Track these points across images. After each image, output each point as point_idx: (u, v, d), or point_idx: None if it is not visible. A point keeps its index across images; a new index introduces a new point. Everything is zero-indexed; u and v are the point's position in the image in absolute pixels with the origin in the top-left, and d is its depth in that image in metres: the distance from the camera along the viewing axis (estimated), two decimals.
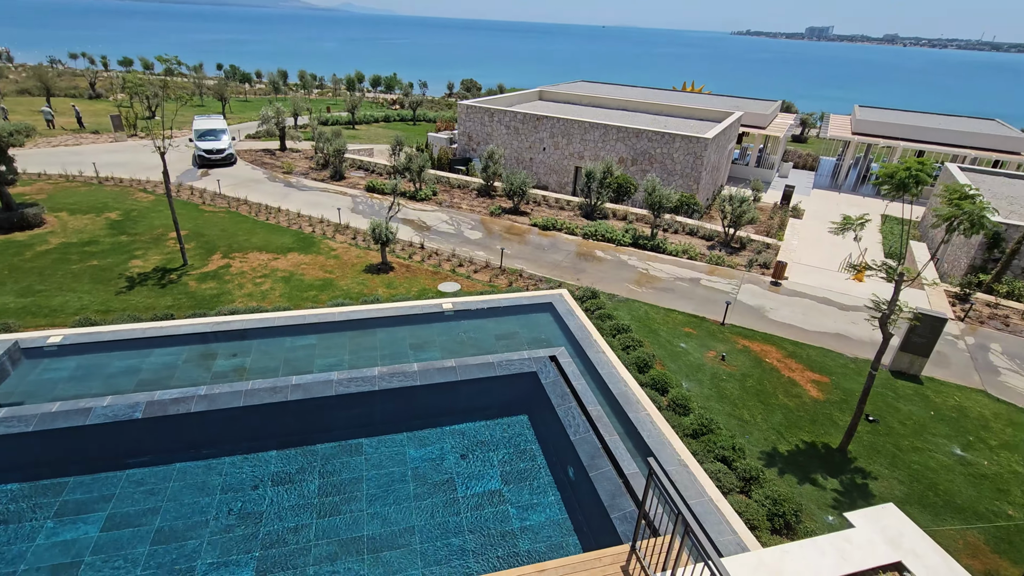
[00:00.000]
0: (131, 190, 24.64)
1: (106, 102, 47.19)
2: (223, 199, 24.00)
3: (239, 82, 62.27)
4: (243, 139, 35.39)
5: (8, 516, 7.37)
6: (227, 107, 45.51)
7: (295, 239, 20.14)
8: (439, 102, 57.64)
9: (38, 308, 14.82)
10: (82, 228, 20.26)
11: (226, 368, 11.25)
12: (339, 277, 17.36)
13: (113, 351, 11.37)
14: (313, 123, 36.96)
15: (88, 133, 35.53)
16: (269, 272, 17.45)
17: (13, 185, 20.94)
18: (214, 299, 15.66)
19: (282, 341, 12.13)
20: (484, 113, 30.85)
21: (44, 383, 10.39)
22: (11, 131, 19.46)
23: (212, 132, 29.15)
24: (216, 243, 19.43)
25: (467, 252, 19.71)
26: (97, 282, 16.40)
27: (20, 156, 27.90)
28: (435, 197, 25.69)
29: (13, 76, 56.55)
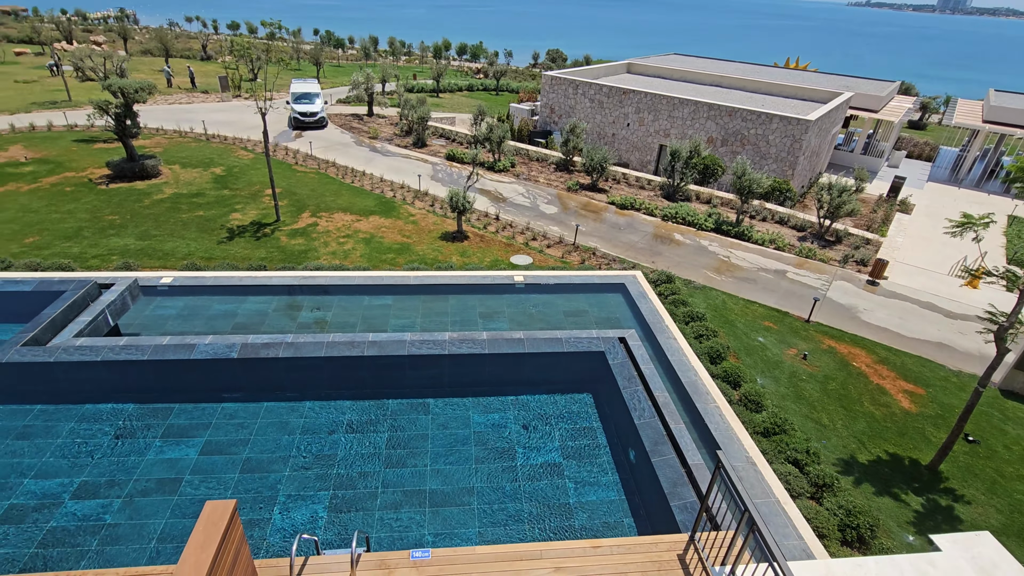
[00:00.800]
0: (234, 148, 26.48)
1: (215, 64, 50.60)
2: (314, 160, 25.26)
3: (333, 47, 64.55)
4: (334, 103, 36.86)
5: (126, 432, 8.38)
6: (321, 72, 47.43)
7: (377, 203, 20.90)
8: (523, 72, 57.00)
9: (153, 251, 16.44)
10: (191, 181, 22.09)
11: (309, 320, 12.03)
12: (416, 242, 17.89)
13: (214, 295, 12.45)
14: (400, 90, 37.80)
15: (199, 92, 38.37)
16: (352, 233, 18.29)
17: (136, 138, 23.14)
18: (302, 255, 16.67)
19: (361, 299, 12.75)
20: (568, 85, 30.18)
21: (157, 318, 11.59)
22: (137, 88, 21.37)
23: (307, 96, 30.56)
24: (306, 202, 20.56)
25: (541, 226, 19.64)
26: (202, 231, 17.91)
27: (142, 112, 30.69)
28: (513, 169, 25.67)
29: (138, 37, 61.75)
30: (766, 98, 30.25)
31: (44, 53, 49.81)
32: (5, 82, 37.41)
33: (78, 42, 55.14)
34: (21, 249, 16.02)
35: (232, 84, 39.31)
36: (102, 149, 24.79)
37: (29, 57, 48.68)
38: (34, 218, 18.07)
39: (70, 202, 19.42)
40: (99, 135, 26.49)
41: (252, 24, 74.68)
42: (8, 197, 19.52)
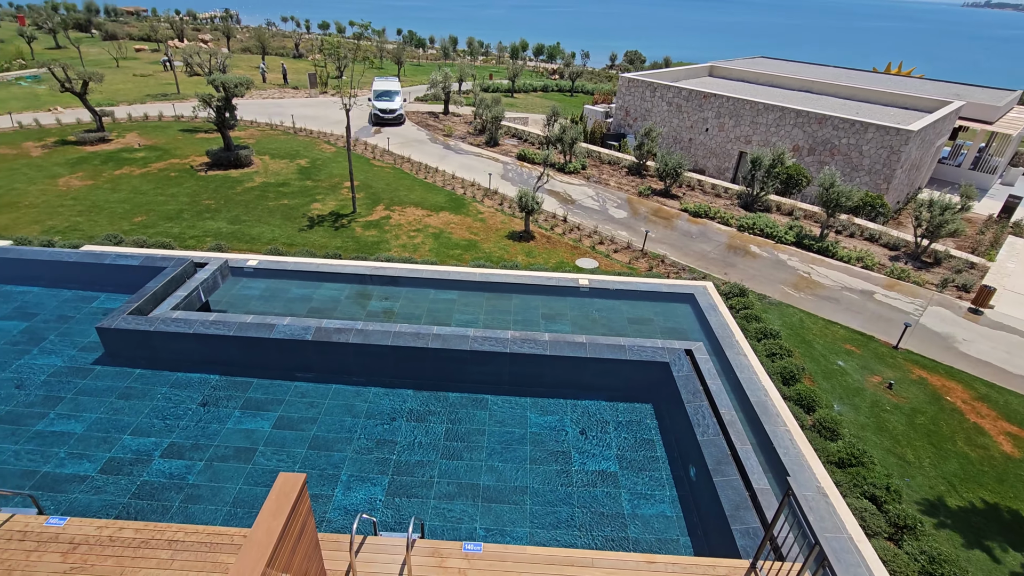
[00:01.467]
0: (318, 141, 27.94)
1: (306, 61, 53.58)
2: (390, 156, 26.20)
3: (415, 47, 66.65)
4: (412, 101, 38.05)
5: (210, 401, 9.06)
6: (402, 70, 49.10)
7: (447, 199, 21.38)
8: (599, 74, 56.36)
9: (242, 234, 17.66)
10: (278, 171, 23.53)
11: (378, 309, 12.49)
12: (483, 240, 18.14)
13: (293, 279, 13.21)
14: (476, 89, 38.44)
15: (290, 88, 40.80)
16: (422, 227, 18.81)
17: (233, 129, 24.88)
18: (374, 246, 17.33)
19: (427, 292, 13.09)
20: (645, 87, 29.53)
21: (242, 297, 12.44)
22: (236, 83, 23.01)
23: (387, 93, 31.74)
24: (381, 196, 21.36)
25: (609, 230, 19.34)
26: (286, 218, 19.03)
27: (239, 105, 33.02)
28: (584, 171, 25.45)
29: (240, 36, 66.45)
30: (861, 105, 28.23)
31: (159, 50, 54.72)
32: (125, 75, 41.44)
33: (188, 40, 60.20)
34: (131, 227, 17.69)
35: (320, 81, 41.47)
36: (203, 139, 26.92)
37: (146, 53, 53.68)
38: (143, 199, 19.90)
39: (174, 186, 21.23)
40: (201, 126, 28.77)
41: (341, 24, 78.52)
42: (123, 180, 21.61)
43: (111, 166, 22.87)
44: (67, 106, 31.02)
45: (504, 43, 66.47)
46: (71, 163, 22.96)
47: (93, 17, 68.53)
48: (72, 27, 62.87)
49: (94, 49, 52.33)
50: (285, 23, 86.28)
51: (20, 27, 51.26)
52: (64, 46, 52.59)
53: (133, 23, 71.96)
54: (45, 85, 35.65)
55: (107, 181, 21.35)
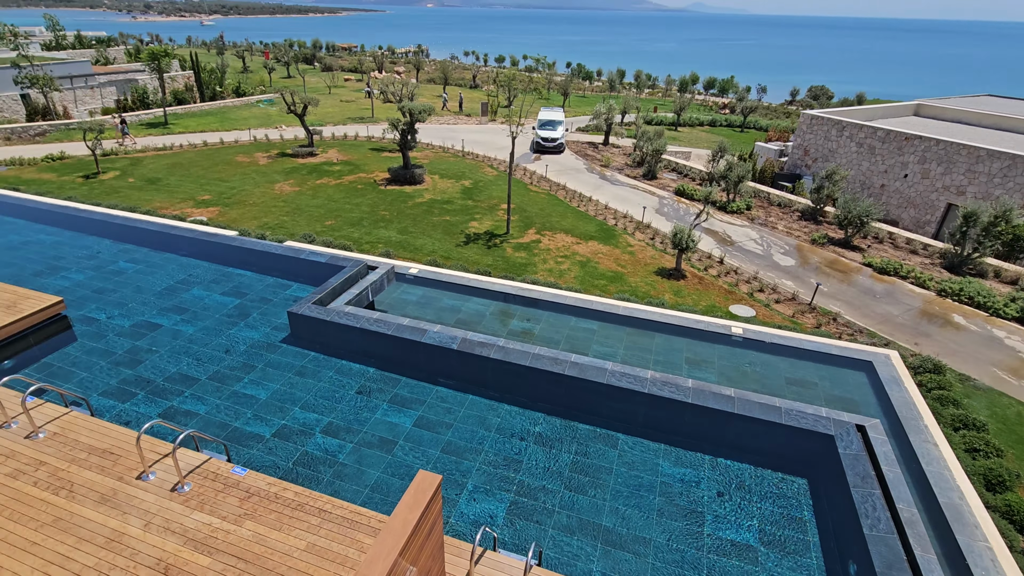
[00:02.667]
0: (482, 164, 29.95)
1: (480, 91, 58.11)
2: (546, 182, 27.07)
3: (582, 79, 68.59)
4: (574, 131, 39.06)
5: (364, 390, 10.02)
6: (567, 101, 50.77)
7: (598, 229, 21.39)
8: (776, 110, 52.59)
9: (408, 244, 19.48)
10: (445, 190, 25.64)
11: (519, 329, 12.82)
12: (630, 273, 17.76)
13: (446, 290, 14.17)
14: (638, 121, 38.24)
15: (464, 116, 44.47)
16: (570, 254, 19.02)
17: (412, 150, 27.80)
18: (522, 267, 17.93)
19: (568, 319, 13.14)
20: (832, 126, 26.80)
21: (401, 301, 13.65)
22: (420, 110, 25.74)
23: (551, 123, 33.00)
24: (533, 220, 22.12)
25: (772, 278, 17.71)
26: (446, 233, 20.60)
27: (420, 129, 36.83)
28: (748, 212, 23.76)
29: (427, 68, 74.40)
30: None
31: (362, 79, 63.51)
32: (334, 100, 48.72)
33: (386, 71, 68.99)
34: (322, 228, 20.54)
35: (491, 109, 44.63)
36: (387, 157, 30.44)
37: (352, 82, 62.66)
38: (334, 206, 23.02)
39: (359, 197, 24.25)
40: (387, 146, 32.61)
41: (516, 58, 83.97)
42: (321, 188, 25.26)
43: (314, 176, 26.90)
44: (289, 125, 37.35)
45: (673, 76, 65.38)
46: (286, 172, 27.48)
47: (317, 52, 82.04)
48: (301, 60, 75.89)
49: (314, 79, 62.52)
50: (466, 56, 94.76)
51: (265, 60, 63.28)
52: (293, 76, 63.65)
53: (345, 57, 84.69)
54: (276, 107, 43.36)
55: (310, 189, 25.13)
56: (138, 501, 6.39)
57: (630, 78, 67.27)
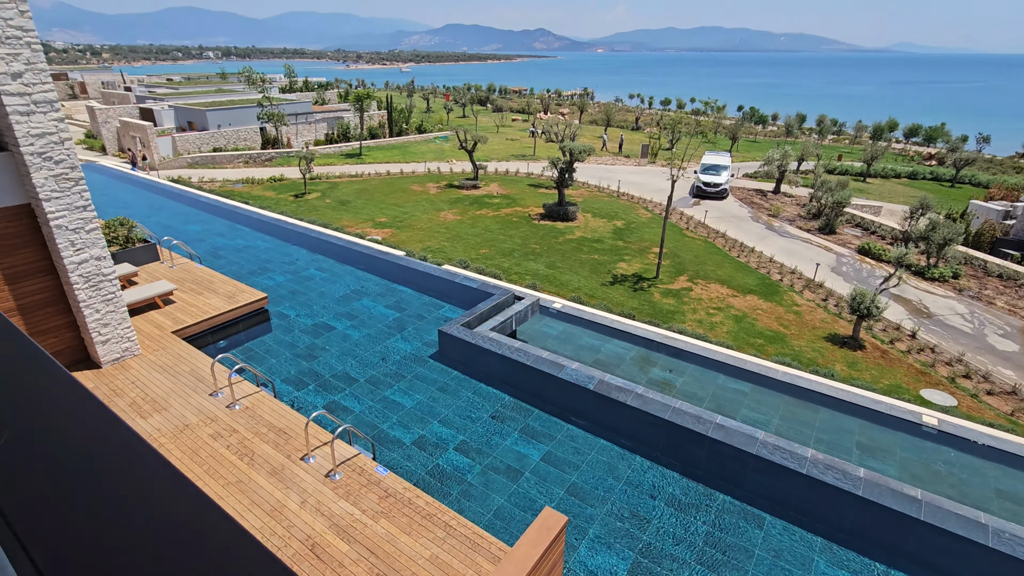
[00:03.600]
0: (636, 206, 29.59)
1: (642, 133, 57.95)
2: (704, 228, 25.78)
3: (754, 123, 64.86)
4: (740, 177, 36.88)
5: (498, 416, 10.27)
6: (735, 146, 48.27)
7: (759, 282, 19.70)
8: (1003, 163, 44.24)
9: (554, 279, 19.85)
10: (596, 229, 25.77)
11: (659, 378, 12.19)
12: (794, 335, 15.98)
13: (587, 328, 14.07)
14: (818, 170, 34.85)
15: (623, 157, 44.62)
16: (724, 307, 17.74)
17: (568, 187, 28.55)
18: (669, 314, 17.14)
19: (715, 376, 12.17)
20: None
21: (542, 334, 13.86)
22: (580, 150, 26.42)
23: (715, 167, 31.56)
24: (686, 266, 21.13)
25: (984, 364, 14.61)
26: (593, 272, 20.59)
27: (577, 168, 37.74)
28: (955, 280, 20.04)
29: (591, 110, 76.45)
30: None
31: (528, 120, 67.37)
32: (500, 139, 52.28)
33: (551, 113, 72.40)
34: (476, 256, 21.88)
35: (651, 152, 44.20)
36: (543, 193, 31.64)
37: (519, 123, 66.77)
38: (489, 236, 24.44)
39: (512, 229, 25.45)
40: (545, 183, 33.92)
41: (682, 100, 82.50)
42: (480, 219, 27.04)
43: (475, 207, 28.93)
44: (459, 159, 40.87)
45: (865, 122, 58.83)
46: (451, 201, 29.98)
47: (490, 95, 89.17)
48: (476, 102, 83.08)
49: (485, 118, 67.90)
50: (631, 99, 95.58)
51: (445, 102, 70.51)
52: (468, 115, 69.83)
53: (515, 99, 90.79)
54: (450, 143, 47.84)
55: (470, 218, 27.06)
56: (299, 480, 7.22)
57: (811, 123, 61.96)
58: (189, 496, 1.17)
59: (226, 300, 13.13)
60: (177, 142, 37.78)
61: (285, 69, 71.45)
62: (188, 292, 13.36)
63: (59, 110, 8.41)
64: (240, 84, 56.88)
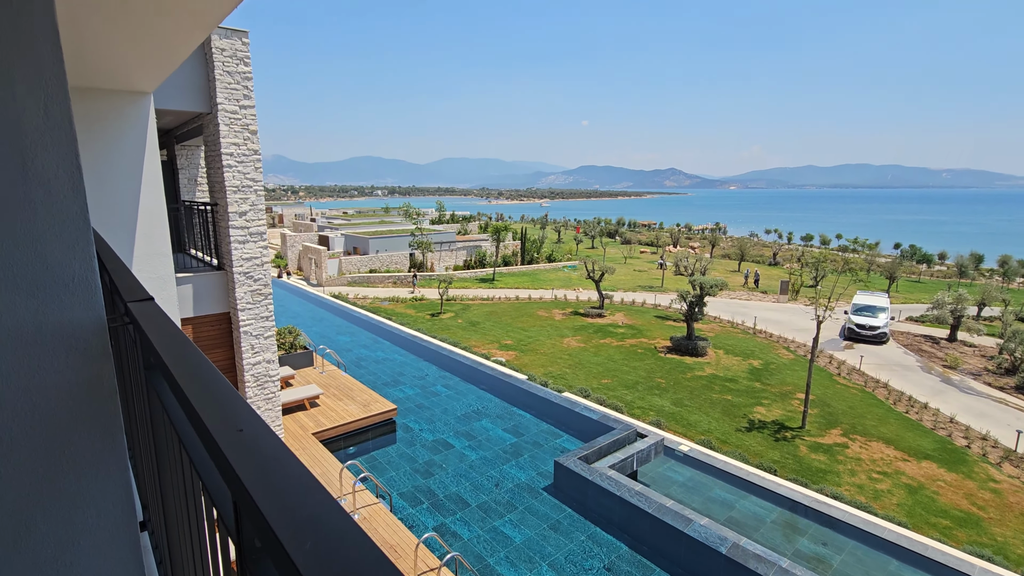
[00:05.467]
0: (776, 345, 27.34)
1: (780, 269, 55.21)
2: (860, 375, 22.80)
3: (916, 262, 58.81)
4: (902, 320, 32.82)
5: (613, 568, 9.25)
6: (894, 286, 43.71)
7: (937, 446, 16.47)
8: None
9: (680, 418, 18.49)
10: (729, 366, 24.05)
11: (808, 552, 10.29)
12: (993, 520, 12.75)
13: (717, 478, 12.63)
14: (1006, 317, 29.85)
15: (759, 292, 42.48)
16: (891, 472, 14.94)
17: (697, 321, 27.53)
18: (819, 473, 14.82)
19: (884, 559, 9.99)
20: None
21: (665, 479, 12.70)
22: (712, 284, 25.76)
23: (870, 308, 28.58)
24: (839, 418, 18.52)
25: None
26: (725, 414, 18.87)
27: (708, 302, 36.53)
28: None
29: (723, 244, 75.39)
30: None
31: (656, 252, 68.10)
32: (628, 270, 53.09)
33: (681, 246, 72.67)
34: (598, 385, 21.38)
35: (792, 288, 41.59)
36: (671, 326, 30.78)
37: (647, 255, 67.71)
38: (612, 366, 23.94)
39: (637, 360, 24.73)
40: (672, 315, 33.14)
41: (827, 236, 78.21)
42: (603, 348, 26.81)
43: (599, 336, 28.89)
44: (586, 288, 41.96)
45: None
46: (575, 328, 30.34)
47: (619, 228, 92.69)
48: (605, 234, 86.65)
49: (614, 250, 70.06)
50: (767, 234, 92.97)
51: (576, 234, 74.56)
52: (596, 247, 72.68)
53: (644, 232, 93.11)
54: (578, 272, 49.62)
55: (593, 346, 26.96)
56: None
57: (992, 263, 54.50)
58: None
59: (361, 408, 14.13)
60: (343, 263, 44.05)
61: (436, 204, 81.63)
62: (331, 397, 14.66)
63: (266, 239, 10.44)
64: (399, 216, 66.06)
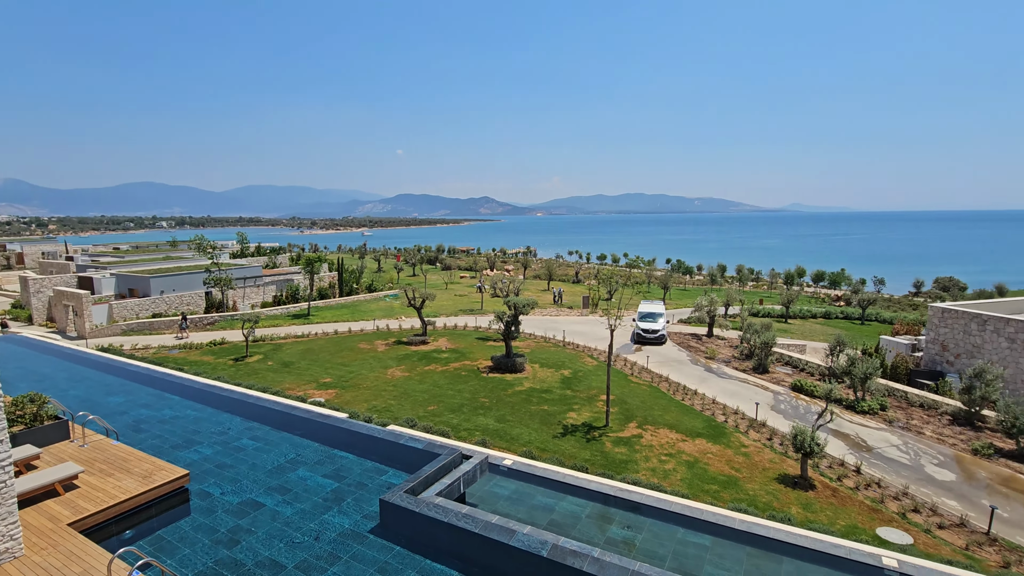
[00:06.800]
0: (582, 354, 30.40)
1: (582, 286, 61.78)
2: (648, 373, 26.52)
3: (682, 274, 70.85)
4: (675, 323, 39.16)
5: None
6: (668, 294, 52.01)
7: (706, 425, 19.91)
8: (899, 302, 49.47)
9: (504, 433, 19.32)
10: (544, 379, 25.98)
11: (618, 537, 11.49)
12: (746, 479, 15.81)
13: (539, 485, 13.42)
14: (743, 314, 37.64)
15: (565, 308, 46.87)
16: (675, 452, 17.60)
17: (514, 339, 29.24)
18: (622, 464, 16.75)
19: (674, 530, 11.62)
20: (970, 320, 24.40)
21: (492, 495, 13.08)
22: (524, 304, 27.70)
23: (651, 315, 33.58)
24: (634, 412, 21.24)
25: (928, 495, 14.76)
26: (543, 423, 20.28)
27: (523, 320, 39.09)
28: (883, 413, 21.02)
29: (534, 266, 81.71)
30: None
31: (475, 276, 70.87)
32: (449, 295, 54.21)
33: (497, 269, 76.73)
34: (425, 413, 21.24)
35: (592, 302, 46.78)
36: (491, 346, 32.15)
37: (467, 279, 70.02)
38: (438, 391, 24.05)
39: (461, 383, 25.24)
40: (492, 335, 34.67)
41: (616, 255, 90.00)
42: (428, 374, 26.81)
43: (423, 363, 28.82)
44: (408, 316, 41.62)
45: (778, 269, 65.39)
46: (399, 358, 29.82)
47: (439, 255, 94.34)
48: (425, 261, 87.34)
49: (434, 276, 70.92)
50: (571, 255, 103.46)
51: (396, 262, 73.78)
52: (417, 274, 72.77)
53: (463, 257, 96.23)
54: (399, 301, 49.03)
55: (418, 375, 26.78)
56: None
57: (732, 272, 68.32)
58: None
59: (140, 481, 11.85)
60: (114, 309, 36.81)
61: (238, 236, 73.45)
62: (97, 474, 12.03)
63: None
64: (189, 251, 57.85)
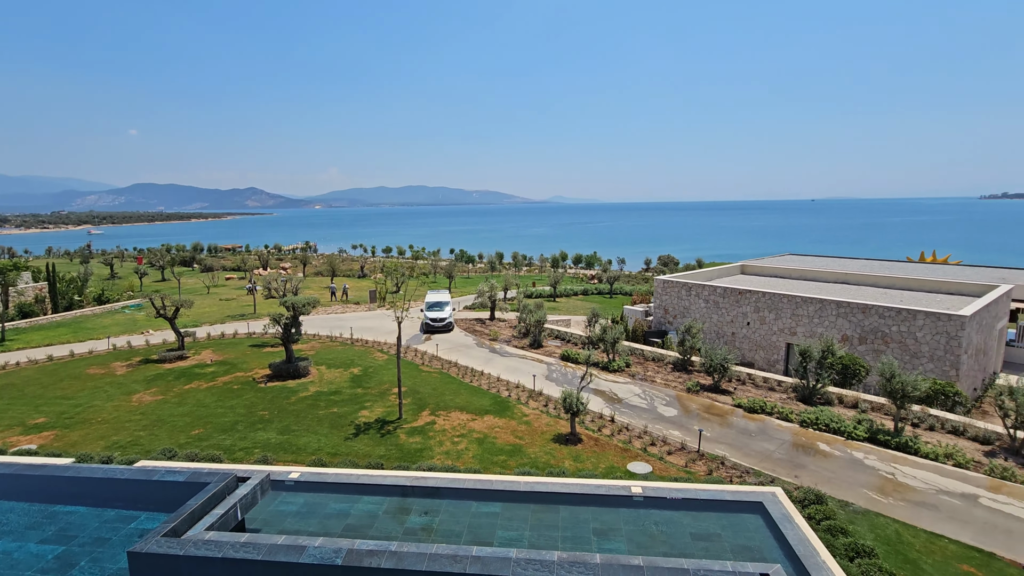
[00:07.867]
0: (372, 350, 29.72)
1: (369, 280, 60.14)
2: (438, 361, 27.28)
3: (465, 262, 74.29)
4: (461, 309, 40.97)
5: None
6: (453, 283, 54.03)
7: (492, 402, 21.40)
8: (636, 276, 60.07)
9: (289, 445, 17.82)
10: (332, 380, 24.68)
11: (417, 525, 11.68)
12: (528, 444, 17.54)
13: (332, 492, 12.79)
14: (519, 296, 41.31)
15: (352, 304, 45.09)
16: (466, 432, 18.53)
17: (296, 343, 27.10)
18: (417, 453, 16.99)
19: (469, 505, 12.29)
20: (681, 288, 30.98)
21: (278, 514, 12.00)
22: (304, 303, 25.79)
23: (438, 304, 34.54)
24: (427, 400, 21.68)
25: (660, 430, 18.44)
26: (334, 427, 19.29)
27: (305, 321, 36.37)
28: (628, 369, 25.44)
29: (315, 262, 76.43)
30: (904, 293, 28.28)
31: (244, 278, 63.18)
32: (213, 300, 47.30)
33: (271, 268, 69.58)
34: (187, 440, 18.27)
35: (379, 296, 45.90)
36: (269, 352, 29.17)
37: (234, 281, 61.94)
38: (204, 412, 20.90)
39: (233, 398, 22.38)
40: (270, 340, 31.46)
41: (402, 247, 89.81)
42: (189, 394, 23.07)
43: (182, 381, 24.69)
44: (159, 329, 35.04)
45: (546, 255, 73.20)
46: (148, 380, 24.98)
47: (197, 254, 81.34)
48: (178, 263, 74.44)
49: (192, 280, 60.99)
50: (355, 250, 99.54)
51: (137, 266, 61.21)
52: (168, 279, 61.65)
53: (228, 257, 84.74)
54: (144, 312, 40.92)
55: (176, 395, 22.83)
56: None
57: (508, 259, 74.21)
58: None
59: None
60: None
61: None
62: None
63: None
64: None
